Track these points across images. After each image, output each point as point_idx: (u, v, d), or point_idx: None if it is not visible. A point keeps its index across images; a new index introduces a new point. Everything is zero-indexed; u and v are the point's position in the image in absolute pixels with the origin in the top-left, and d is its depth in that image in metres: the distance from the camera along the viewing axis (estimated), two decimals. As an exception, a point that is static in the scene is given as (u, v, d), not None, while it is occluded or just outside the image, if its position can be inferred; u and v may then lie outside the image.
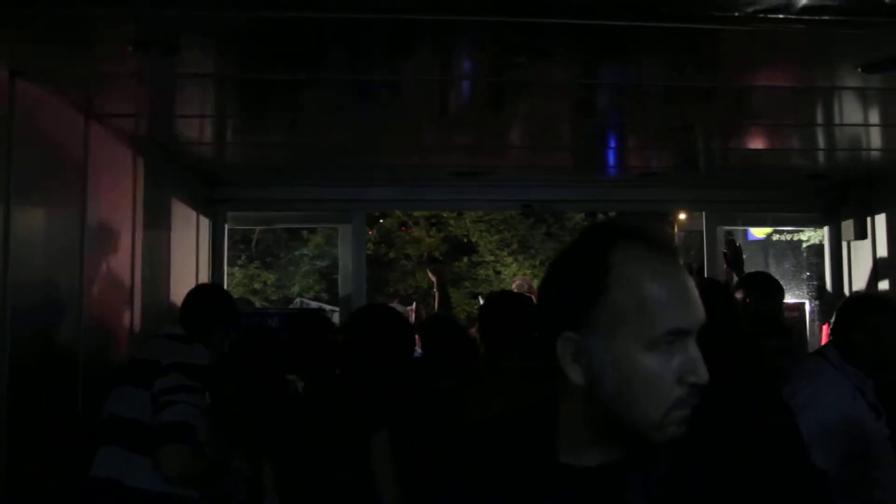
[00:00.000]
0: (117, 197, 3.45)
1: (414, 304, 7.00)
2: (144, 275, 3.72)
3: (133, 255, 3.60)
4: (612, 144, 4.25)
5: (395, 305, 6.14)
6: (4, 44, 2.30)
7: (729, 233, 5.20)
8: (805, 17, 1.94)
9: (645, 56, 2.49)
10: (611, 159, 4.63)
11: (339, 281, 5.29)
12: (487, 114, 3.42)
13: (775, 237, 11.25)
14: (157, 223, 3.94)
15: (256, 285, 16.58)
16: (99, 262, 3.21)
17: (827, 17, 1.97)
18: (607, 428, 1.03)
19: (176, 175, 4.24)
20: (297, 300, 13.81)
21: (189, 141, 3.84)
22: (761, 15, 1.90)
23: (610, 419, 1.02)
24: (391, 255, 18.43)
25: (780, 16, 1.93)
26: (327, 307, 8.59)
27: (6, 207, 2.44)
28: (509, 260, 18.82)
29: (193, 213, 4.64)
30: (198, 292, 3.19)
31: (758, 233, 10.05)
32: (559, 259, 1.11)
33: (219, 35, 2.29)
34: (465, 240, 18.96)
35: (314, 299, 15.34)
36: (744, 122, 3.62)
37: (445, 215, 16.37)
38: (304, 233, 16.77)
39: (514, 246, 19.20)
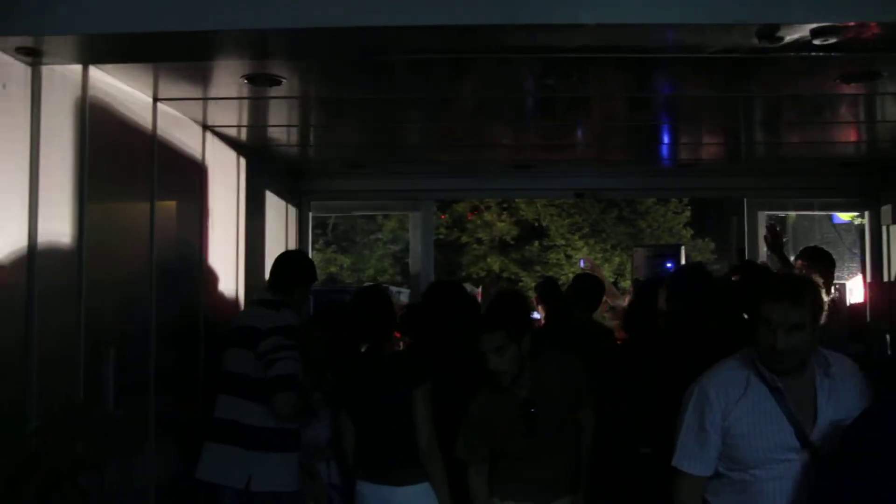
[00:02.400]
0: (225, 191, 4.17)
1: (480, 287, 7.60)
2: (246, 255, 4.44)
3: (237, 239, 4.32)
4: (662, 140, 4.68)
5: (465, 286, 6.78)
6: (149, 78, 3.01)
7: (770, 218, 5.58)
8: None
9: (693, 79, 2.99)
10: (658, 151, 5.05)
11: (410, 263, 5.94)
12: (539, 118, 3.98)
13: (857, 220, 11.29)
14: (254, 213, 4.66)
15: (333, 268, 17.39)
16: (214, 246, 3.93)
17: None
18: None
19: (268, 171, 4.94)
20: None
21: (279, 143, 4.54)
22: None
23: None
24: (463, 238, 18.97)
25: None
26: (394, 289, 9.29)
27: (151, 204, 3.17)
28: (580, 244, 19.05)
29: (283, 203, 5.36)
30: (284, 256, 3.87)
31: (844, 216, 10.20)
32: None
33: (308, 70, 2.94)
34: (536, 224, 19.33)
35: (388, 282, 16.12)
36: (786, 121, 4.03)
37: (516, 200, 16.79)
38: (379, 218, 17.48)
39: (586, 230, 19.42)
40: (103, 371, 2.73)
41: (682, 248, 7.14)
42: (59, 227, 2.49)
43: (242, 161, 4.38)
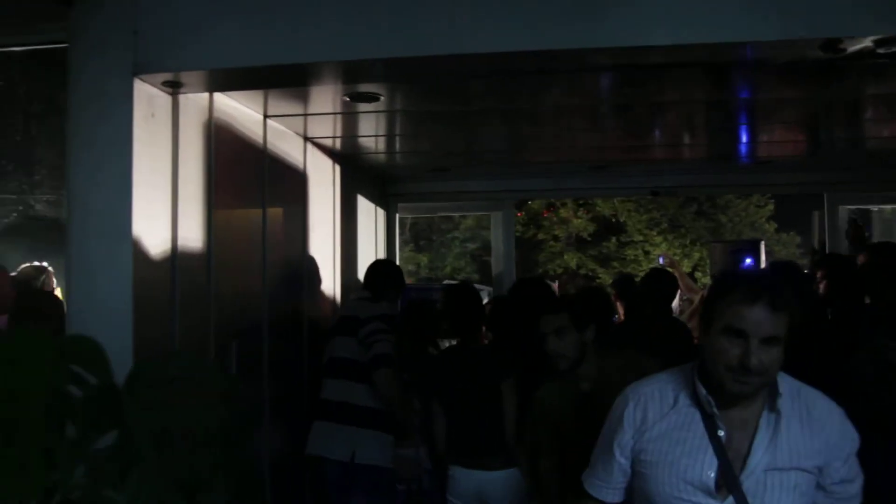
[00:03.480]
0: (323, 196, 4.52)
1: (557, 281, 7.77)
2: (341, 256, 4.79)
3: (334, 241, 4.68)
4: (739, 138, 4.77)
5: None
6: (260, 98, 3.36)
7: (853, 212, 5.58)
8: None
9: (770, 83, 3.15)
10: (736, 149, 5.15)
11: (492, 261, 6.20)
12: (616, 122, 4.17)
13: None
14: (348, 216, 5.01)
15: (410, 267, 17.84)
16: (314, 247, 4.29)
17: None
18: None
19: (360, 177, 5.29)
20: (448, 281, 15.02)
21: (369, 151, 4.87)
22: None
23: None
24: (539, 236, 19.07)
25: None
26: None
27: (263, 210, 3.53)
28: (659, 239, 18.83)
29: (372, 206, 5.71)
30: (376, 263, 4.23)
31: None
32: None
33: (403, 88, 3.24)
34: (614, 220, 19.24)
35: (465, 280, 16.38)
36: (867, 117, 4.09)
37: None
38: (456, 216, 17.80)
39: (664, 225, 19.20)
40: (227, 363, 3.10)
41: (763, 243, 7.14)
42: (193, 234, 2.86)
43: (337, 168, 4.73)
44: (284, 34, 2.42)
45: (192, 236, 2.86)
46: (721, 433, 1.76)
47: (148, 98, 2.53)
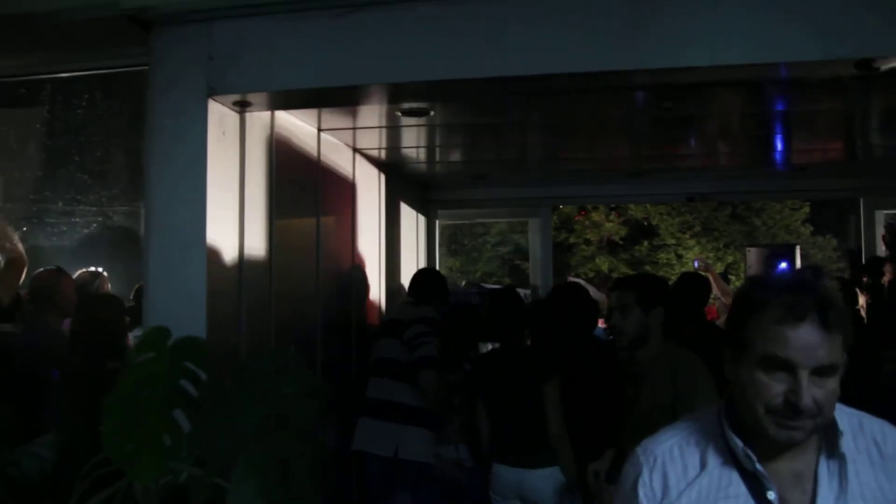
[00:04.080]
0: (369, 204, 4.71)
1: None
2: (385, 261, 4.98)
3: (379, 246, 4.87)
4: (775, 147, 4.85)
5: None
6: (315, 114, 3.56)
7: (889, 217, 5.62)
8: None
9: (806, 96, 3.25)
10: (771, 156, 5.22)
11: (530, 266, 6.35)
12: (654, 133, 4.30)
13: None
14: (391, 222, 5.20)
15: (442, 270, 17.89)
16: (361, 253, 4.48)
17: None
18: None
19: (402, 185, 5.47)
20: (480, 285, 15.03)
21: (411, 160, 5.06)
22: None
23: None
24: (571, 239, 19.09)
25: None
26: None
27: (317, 220, 3.72)
28: (692, 242, 18.70)
29: (414, 213, 5.89)
30: (421, 272, 4.41)
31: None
32: None
33: (443, 104, 3.41)
34: (646, 223, 19.20)
35: (497, 283, 16.49)
36: None
37: (628, 203, 16.72)
38: (488, 220, 17.95)
39: (697, 228, 19.08)
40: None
41: (798, 247, 7.14)
42: (256, 243, 3.06)
43: (382, 177, 4.92)
44: (339, 58, 2.60)
45: (256, 245, 3.05)
46: (772, 496, 1.34)
47: (219, 117, 2.74)
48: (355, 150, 4.36)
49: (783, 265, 6.35)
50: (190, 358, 1.32)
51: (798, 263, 6.58)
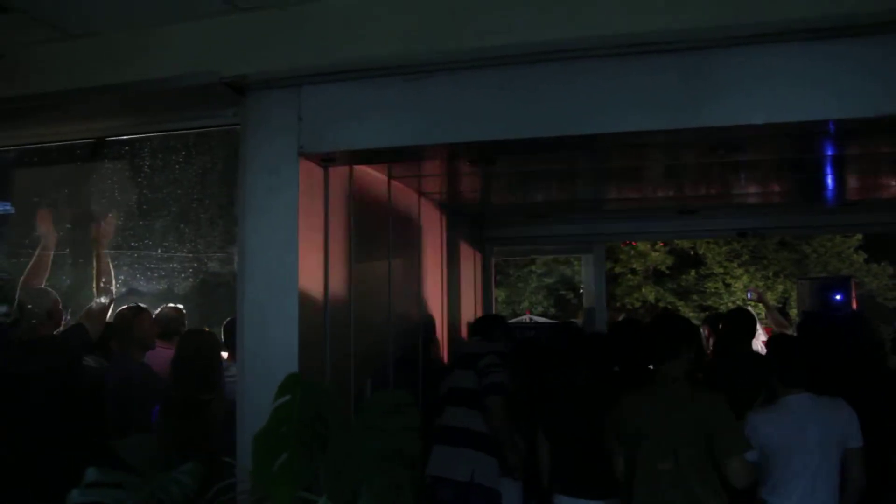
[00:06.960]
0: (433, 244, 4.96)
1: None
2: (448, 296, 5.21)
3: (442, 282, 5.10)
4: (827, 186, 4.95)
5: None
6: (384, 165, 3.83)
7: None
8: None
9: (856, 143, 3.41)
10: (823, 194, 5.31)
11: (584, 299, 6.50)
12: (707, 176, 4.46)
13: None
14: (452, 260, 5.43)
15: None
16: (427, 290, 4.72)
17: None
18: None
19: (461, 224, 5.72)
20: (526, 316, 14.71)
21: (470, 202, 5.30)
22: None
23: None
24: (617, 269, 19.03)
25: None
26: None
27: (388, 261, 3.97)
28: (739, 272, 18.41)
29: (471, 250, 6.12)
30: (486, 316, 4.64)
31: None
32: None
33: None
34: (692, 252, 19.05)
35: (542, 314, 16.53)
36: None
37: (677, 234, 16.59)
38: (534, 252, 18.01)
39: (745, 257, 18.82)
40: (365, 397, 3.52)
41: (852, 280, 7.09)
42: (339, 286, 3.31)
43: (444, 218, 5.17)
44: (412, 119, 2.85)
45: (338, 288, 3.31)
46: None
47: (308, 171, 3.01)
48: (420, 193, 4.62)
49: (838, 298, 6.31)
50: (318, 401, 1.55)
51: (853, 296, 6.58)
